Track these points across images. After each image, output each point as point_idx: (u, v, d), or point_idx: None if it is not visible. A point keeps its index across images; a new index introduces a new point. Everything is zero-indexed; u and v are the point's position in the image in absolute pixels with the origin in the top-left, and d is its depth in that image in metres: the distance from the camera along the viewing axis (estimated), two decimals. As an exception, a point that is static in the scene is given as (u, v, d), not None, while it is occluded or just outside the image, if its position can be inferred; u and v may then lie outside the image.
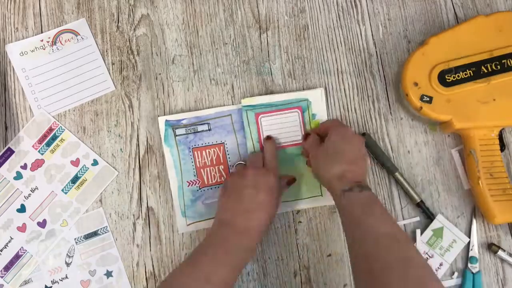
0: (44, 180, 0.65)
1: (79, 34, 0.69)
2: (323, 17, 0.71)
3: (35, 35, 0.69)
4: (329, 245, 0.64)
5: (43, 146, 0.66)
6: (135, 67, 0.69)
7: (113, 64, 0.69)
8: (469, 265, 0.63)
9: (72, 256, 0.63)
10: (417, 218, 0.65)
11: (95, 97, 0.68)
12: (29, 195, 0.65)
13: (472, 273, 0.63)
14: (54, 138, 0.66)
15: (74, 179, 0.65)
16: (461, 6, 0.72)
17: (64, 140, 0.66)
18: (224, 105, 0.68)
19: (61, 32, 0.70)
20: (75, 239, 0.64)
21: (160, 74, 0.69)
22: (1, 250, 0.63)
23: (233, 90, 0.69)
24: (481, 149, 0.63)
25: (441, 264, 0.63)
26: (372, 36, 0.70)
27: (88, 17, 0.70)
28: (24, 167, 0.65)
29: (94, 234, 0.64)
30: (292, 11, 0.71)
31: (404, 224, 0.65)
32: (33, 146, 0.66)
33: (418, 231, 0.64)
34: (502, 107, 0.63)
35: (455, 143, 0.68)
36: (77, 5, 0.71)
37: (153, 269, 0.64)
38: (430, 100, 0.63)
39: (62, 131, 0.66)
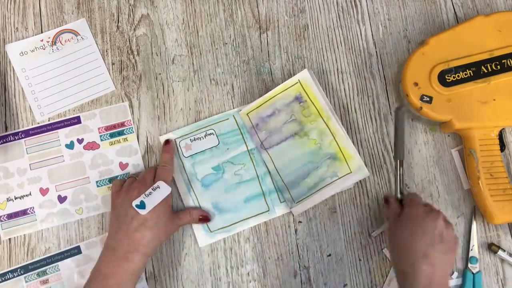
0: (88, 163, 0.65)
1: (79, 34, 0.70)
2: (323, 17, 0.71)
3: (35, 35, 0.69)
4: (329, 245, 0.64)
5: (107, 134, 0.66)
6: (135, 67, 0.69)
7: (113, 64, 0.69)
8: (469, 265, 0.63)
9: None
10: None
11: (95, 97, 0.68)
12: (67, 167, 0.65)
13: (472, 273, 0.63)
14: (120, 133, 0.66)
15: (112, 179, 0.65)
16: (461, 6, 0.72)
17: (127, 140, 0.66)
18: (224, 105, 0.68)
19: (61, 32, 0.70)
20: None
21: (160, 74, 0.69)
22: (16, 198, 0.64)
23: (233, 90, 0.69)
24: (481, 149, 0.63)
25: None
26: (372, 36, 0.70)
27: (88, 17, 0.70)
28: (80, 141, 0.66)
29: None
30: (292, 11, 0.71)
31: (404, 224, 0.65)
32: (98, 129, 0.66)
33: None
34: (502, 107, 0.63)
35: (455, 143, 0.68)
36: (77, 5, 0.71)
37: (153, 269, 0.64)
38: (430, 100, 0.63)
39: (131, 132, 0.66)
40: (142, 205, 0.57)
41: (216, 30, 0.70)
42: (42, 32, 0.70)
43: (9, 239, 0.64)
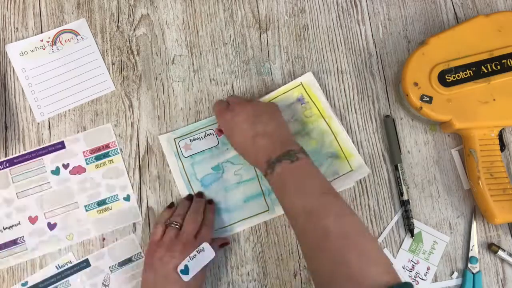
0: (75, 188, 0.64)
1: (79, 34, 0.70)
2: (323, 17, 0.71)
3: (35, 35, 0.69)
4: (329, 245, 0.64)
5: (92, 157, 0.65)
6: (135, 67, 0.69)
7: (113, 64, 0.69)
8: (469, 265, 0.63)
9: (108, 285, 0.62)
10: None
11: (95, 97, 0.68)
12: (54, 193, 0.64)
13: (472, 273, 0.63)
14: (106, 156, 0.65)
15: (101, 203, 0.64)
16: (461, 6, 0.72)
17: (113, 162, 0.65)
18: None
19: (61, 32, 0.70)
20: (109, 267, 0.63)
21: (160, 74, 0.69)
22: (5, 229, 0.63)
23: (233, 90, 0.69)
24: (481, 149, 0.63)
25: (428, 268, 0.63)
26: (372, 36, 0.70)
27: (88, 17, 0.70)
28: (66, 166, 0.65)
29: (129, 261, 0.63)
30: (292, 11, 0.71)
31: (397, 221, 0.65)
32: (83, 152, 0.65)
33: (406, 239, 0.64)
34: (502, 107, 0.63)
35: (455, 143, 0.68)
36: (77, 5, 0.71)
37: (153, 269, 0.64)
38: (430, 100, 0.63)
39: (116, 154, 0.65)
40: (185, 270, 0.55)
41: (216, 30, 0.70)
42: (42, 32, 0.70)
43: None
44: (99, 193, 0.64)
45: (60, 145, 0.65)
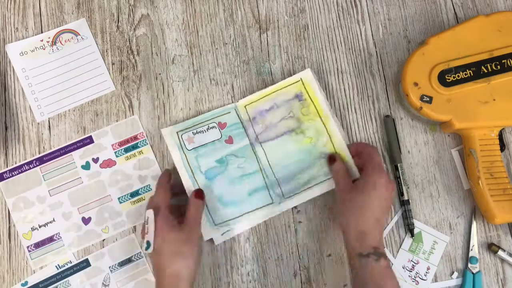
0: (107, 181, 0.65)
1: (79, 34, 0.70)
2: (323, 17, 0.71)
3: (35, 35, 0.69)
4: (329, 245, 0.64)
5: (121, 150, 0.66)
6: (135, 67, 0.69)
7: (113, 64, 0.69)
8: (469, 265, 0.63)
9: (108, 285, 0.63)
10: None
11: (95, 97, 0.68)
12: (87, 187, 0.65)
13: (472, 273, 0.63)
14: (135, 147, 0.66)
15: (134, 194, 0.65)
16: (461, 6, 0.72)
17: (142, 153, 0.66)
18: (224, 106, 0.68)
19: (61, 32, 0.70)
20: (109, 267, 0.63)
21: (160, 74, 0.69)
22: (40, 227, 0.63)
23: (233, 90, 0.69)
24: (481, 149, 0.63)
25: (428, 268, 0.63)
26: (372, 36, 0.70)
27: (88, 17, 0.70)
28: (96, 160, 0.65)
29: (129, 261, 0.64)
30: (292, 11, 0.71)
31: (397, 221, 0.65)
32: (112, 145, 0.66)
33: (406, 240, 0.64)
34: (502, 107, 0.63)
35: (455, 143, 0.68)
36: (77, 5, 0.71)
37: (154, 269, 0.64)
38: (430, 100, 0.63)
39: (145, 145, 0.66)
40: (148, 245, 0.55)
41: (216, 30, 0.70)
42: (42, 32, 0.70)
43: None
44: (131, 185, 0.65)
45: (89, 140, 0.66)
